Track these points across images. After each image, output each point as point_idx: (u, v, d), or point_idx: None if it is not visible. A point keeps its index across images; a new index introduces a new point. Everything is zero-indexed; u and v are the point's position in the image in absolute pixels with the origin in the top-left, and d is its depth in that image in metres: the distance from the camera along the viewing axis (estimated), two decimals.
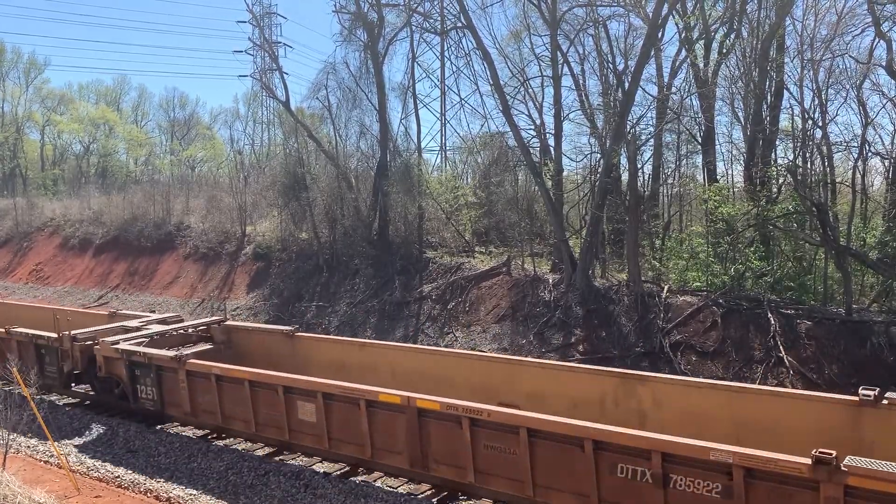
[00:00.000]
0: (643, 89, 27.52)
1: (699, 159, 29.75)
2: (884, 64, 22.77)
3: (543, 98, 30.59)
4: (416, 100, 37.96)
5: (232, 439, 15.28)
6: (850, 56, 23.68)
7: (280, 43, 59.74)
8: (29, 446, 15.60)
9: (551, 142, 29.44)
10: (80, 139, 76.08)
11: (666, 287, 23.20)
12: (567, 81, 29.57)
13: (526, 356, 22.40)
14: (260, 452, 14.45)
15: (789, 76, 25.10)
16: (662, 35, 27.33)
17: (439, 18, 34.87)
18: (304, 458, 14.04)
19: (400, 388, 12.55)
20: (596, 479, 9.73)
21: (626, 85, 25.45)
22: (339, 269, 31.63)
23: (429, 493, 12.33)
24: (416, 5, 33.74)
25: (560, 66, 28.61)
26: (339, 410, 12.66)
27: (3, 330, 18.79)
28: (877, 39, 23.03)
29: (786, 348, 19.58)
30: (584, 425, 9.85)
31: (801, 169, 24.16)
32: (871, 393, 10.51)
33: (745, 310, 21.22)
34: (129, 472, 14.12)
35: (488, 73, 28.98)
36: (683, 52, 28.36)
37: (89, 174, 70.92)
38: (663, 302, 22.34)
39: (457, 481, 11.56)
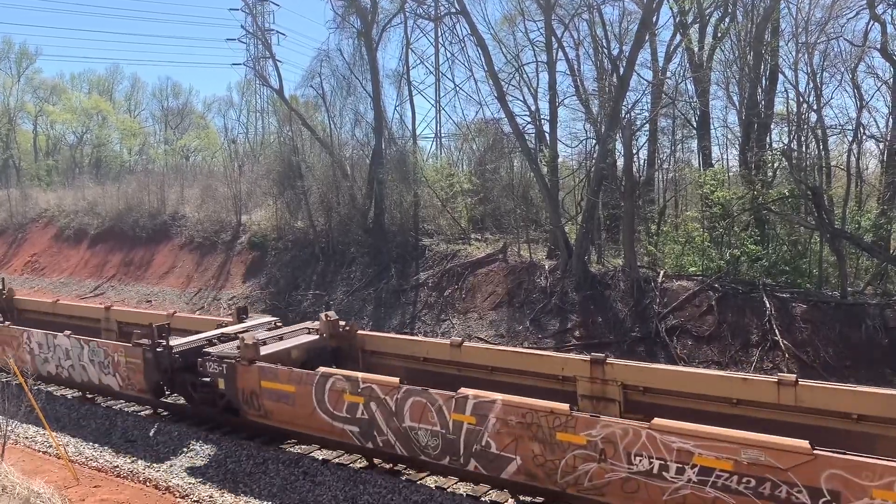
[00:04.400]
0: (638, 74, 27.48)
1: (694, 144, 29.77)
2: (878, 47, 22.74)
3: (538, 84, 30.48)
4: (410, 87, 37.89)
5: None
6: (845, 39, 23.66)
7: (273, 31, 59.30)
8: (27, 437, 15.64)
9: (546, 128, 29.38)
10: (73, 129, 75.58)
11: (662, 272, 23.25)
12: (562, 67, 29.49)
13: (522, 342, 22.51)
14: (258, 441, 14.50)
15: (784, 60, 25.06)
16: (657, 19, 27.25)
17: (433, 4, 34.65)
18: (303, 446, 14.06)
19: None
20: None
21: (621, 70, 25.36)
22: (335, 257, 31.63)
23: None
24: None
25: (555, 51, 28.50)
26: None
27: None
28: (871, 22, 23.02)
29: (781, 332, 19.67)
30: None
31: (796, 153, 24.16)
32: None
33: (741, 294, 21.30)
34: (128, 461, 14.17)
35: (483, 59, 28.89)
36: (678, 37, 28.29)
37: (83, 164, 70.44)
38: (659, 287, 22.39)
39: None
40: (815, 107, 23.87)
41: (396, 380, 11.72)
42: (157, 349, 15.01)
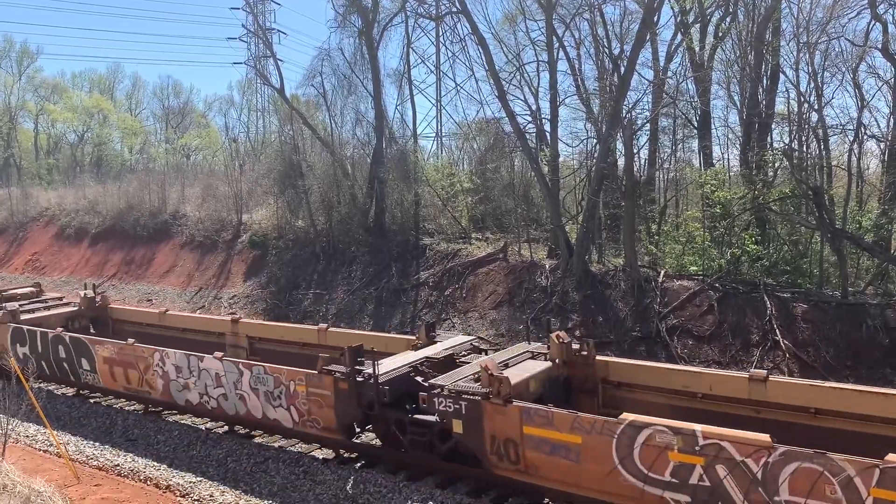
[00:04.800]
0: (639, 74, 27.45)
1: (695, 143, 29.74)
2: (879, 46, 22.73)
3: (539, 83, 30.45)
4: (411, 86, 37.89)
5: (230, 427, 15.21)
6: (846, 39, 23.65)
7: (274, 29, 59.46)
8: (28, 435, 15.65)
9: (547, 127, 29.36)
10: (74, 128, 75.62)
11: (662, 272, 23.23)
12: (563, 66, 29.46)
13: (523, 342, 22.49)
14: (259, 440, 14.50)
15: (785, 59, 25.06)
16: (658, 19, 27.20)
17: (434, 3, 34.65)
18: (304, 445, 14.07)
19: None
20: None
21: (622, 69, 25.34)
22: (336, 256, 31.63)
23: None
24: None
25: (556, 50, 28.48)
26: None
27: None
28: (873, 22, 23.02)
29: (782, 332, 19.66)
30: None
31: (797, 152, 24.15)
32: None
33: (742, 294, 21.28)
34: (129, 460, 14.18)
35: (484, 58, 28.85)
36: (679, 36, 28.28)
37: (84, 163, 70.47)
38: (660, 286, 22.38)
39: None
40: (816, 106, 23.86)
41: (765, 437, 9.05)
42: (359, 378, 12.52)
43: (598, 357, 12.91)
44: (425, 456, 12.22)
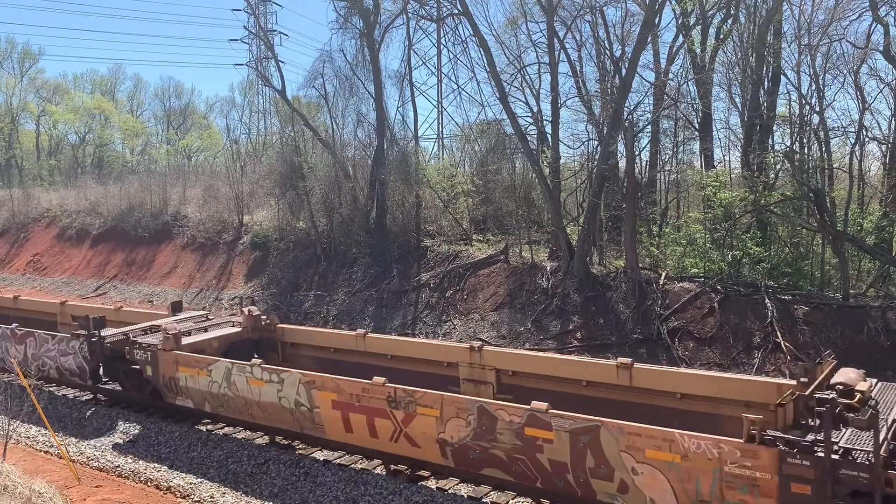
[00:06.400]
0: (640, 76, 27.47)
1: (696, 146, 29.74)
2: (881, 49, 22.72)
3: (540, 85, 30.47)
4: (412, 87, 37.84)
5: (231, 428, 15.27)
6: (848, 41, 23.65)
7: (275, 31, 59.61)
8: (29, 437, 15.66)
9: (548, 129, 29.35)
10: (75, 129, 75.66)
11: (663, 273, 23.22)
12: (564, 68, 29.45)
13: (524, 344, 22.50)
14: (259, 441, 14.50)
15: (786, 61, 25.06)
16: (659, 21, 27.21)
17: (435, 5, 34.63)
18: (304, 447, 14.06)
19: None
20: None
21: (623, 71, 25.35)
22: (337, 258, 31.64)
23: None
24: None
25: (557, 52, 28.47)
26: None
27: None
28: (874, 24, 23.02)
29: (783, 334, 19.64)
30: None
31: (798, 155, 24.14)
32: None
33: (743, 296, 21.27)
34: (130, 461, 14.18)
35: (485, 60, 28.86)
36: (680, 38, 28.27)
37: (85, 164, 70.53)
38: (661, 288, 22.37)
39: None
40: (817, 109, 23.85)
41: None
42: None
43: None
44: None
